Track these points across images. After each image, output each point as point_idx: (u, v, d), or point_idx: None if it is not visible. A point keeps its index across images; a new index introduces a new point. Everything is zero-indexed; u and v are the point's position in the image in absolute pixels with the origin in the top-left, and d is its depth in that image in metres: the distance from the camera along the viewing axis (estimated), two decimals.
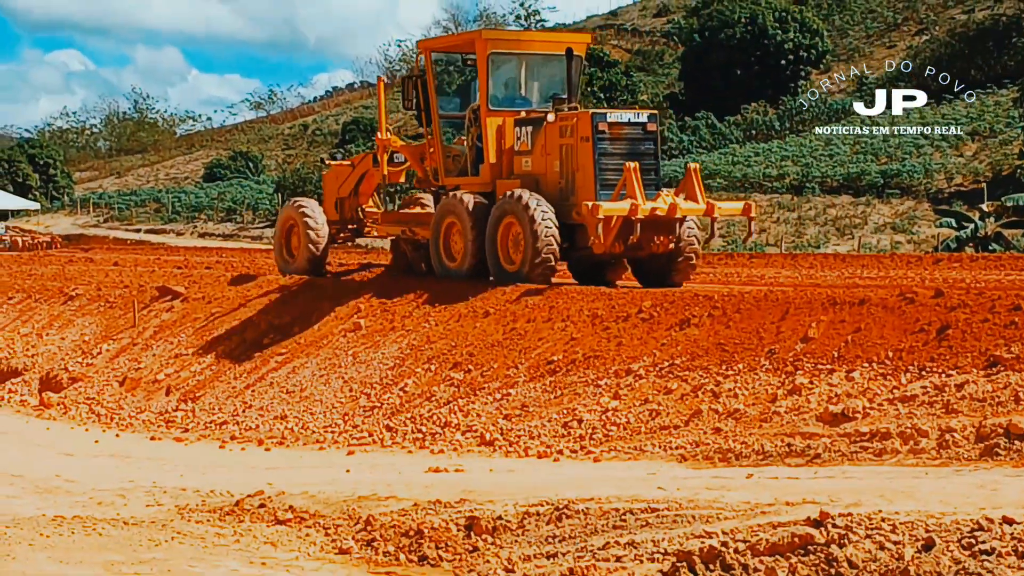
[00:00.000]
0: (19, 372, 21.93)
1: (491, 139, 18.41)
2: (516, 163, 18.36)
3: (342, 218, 21.26)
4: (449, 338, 15.96)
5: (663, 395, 12.58)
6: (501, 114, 18.48)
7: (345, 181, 21.21)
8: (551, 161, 17.76)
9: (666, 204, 16.89)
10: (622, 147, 17.26)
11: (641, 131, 17.64)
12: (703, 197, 17.56)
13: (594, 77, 68.61)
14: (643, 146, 17.57)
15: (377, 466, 12.76)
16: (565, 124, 17.54)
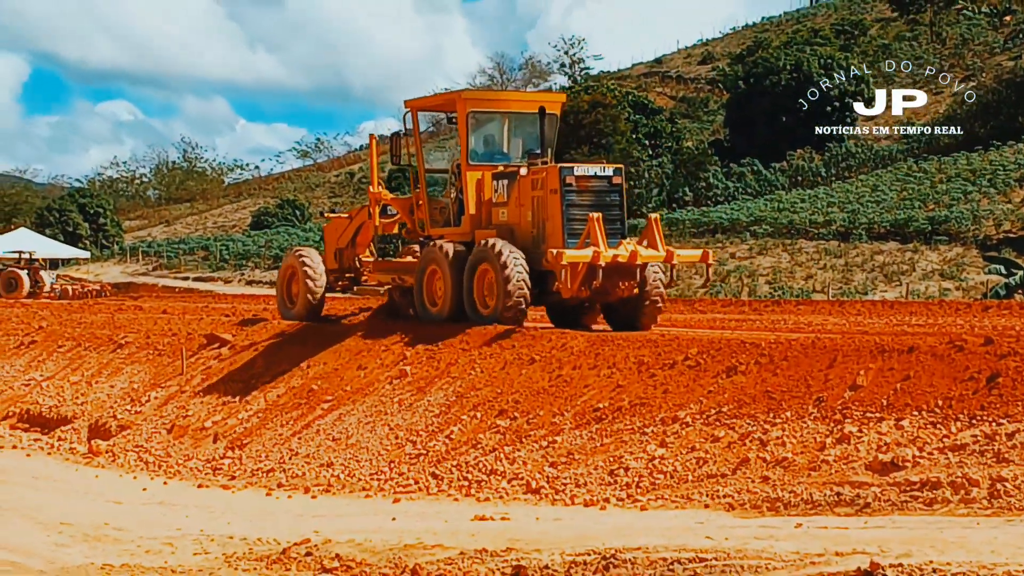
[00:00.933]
0: (69, 420, 22.08)
1: (471, 192, 19.69)
2: (494, 214, 19.51)
3: (341, 267, 22.43)
4: (495, 385, 15.95)
5: (710, 443, 12.50)
6: (481, 168, 19.72)
7: (343, 232, 22.47)
8: (524, 212, 18.97)
9: (627, 252, 17.92)
10: (588, 198, 18.43)
11: (607, 184, 18.76)
12: (663, 245, 18.45)
13: (639, 124, 68.83)
14: (608, 198, 18.67)
15: (423, 514, 12.74)
16: (536, 177, 18.75)
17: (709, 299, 38.25)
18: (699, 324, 22.46)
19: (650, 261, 18.41)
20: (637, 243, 18.43)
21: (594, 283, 17.61)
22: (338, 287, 22.76)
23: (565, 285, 17.75)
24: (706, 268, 19.58)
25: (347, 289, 23.07)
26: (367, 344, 19.10)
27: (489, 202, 19.65)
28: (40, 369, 25.66)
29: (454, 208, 20.19)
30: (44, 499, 15.33)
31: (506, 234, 18.98)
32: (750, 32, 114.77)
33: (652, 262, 18.52)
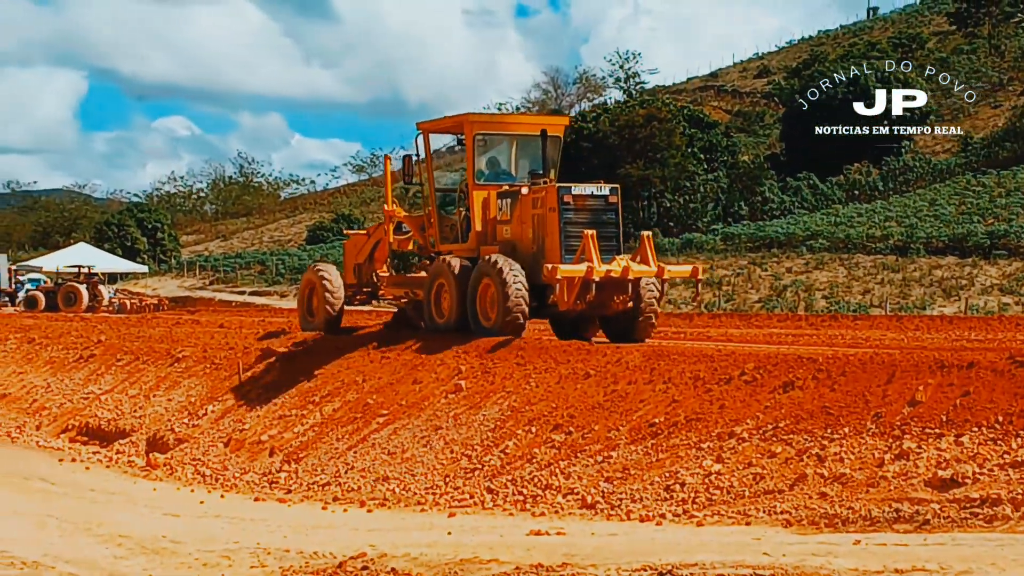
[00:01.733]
0: (127, 433, 22.27)
1: (477, 210, 20.65)
2: (498, 231, 20.49)
3: (359, 282, 23.33)
4: (550, 400, 15.93)
5: (767, 458, 12.42)
6: (486, 188, 20.72)
7: (362, 249, 23.40)
8: (526, 229, 19.96)
9: (620, 267, 18.88)
10: (585, 216, 19.37)
11: (603, 202, 19.75)
12: (655, 261, 19.41)
13: (694, 138, 68.72)
14: (604, 216, 19.63)
15: (478, 528, 12.73)
16: (536, 196, 19.79)
17: (765, 314, 38.11)
18: (755, 339, 22.37)
19: (642, 276, 19.31)
20: (630, 259, 19.24)
21: (588, 297, 18.63)
22: (356, 301, 23.76)
23: (561, 298, 18.78)
24: (696, 283, 20.75)
25: (365, 303, 24.15)
26: (422, 359, 19.14)
27: (494, 220, 20.57)
28: (99, 383, 25.89)
29: (462, 226, 21.05)
30: (103, 512, 15.45)
31: (509, 250, 19.91)
32: (806, 45, 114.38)
33: (645, 277, 19.44)
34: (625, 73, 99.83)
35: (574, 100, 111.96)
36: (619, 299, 19.24)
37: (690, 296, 50.31)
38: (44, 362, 29.53)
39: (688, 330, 28.50)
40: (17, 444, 23.97)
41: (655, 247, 19.84)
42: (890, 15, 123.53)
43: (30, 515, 15.07)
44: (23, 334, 33.12)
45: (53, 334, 31.73)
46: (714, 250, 57.71)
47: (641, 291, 19.51)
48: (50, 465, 20.85)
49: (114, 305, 52.70)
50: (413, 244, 23.02)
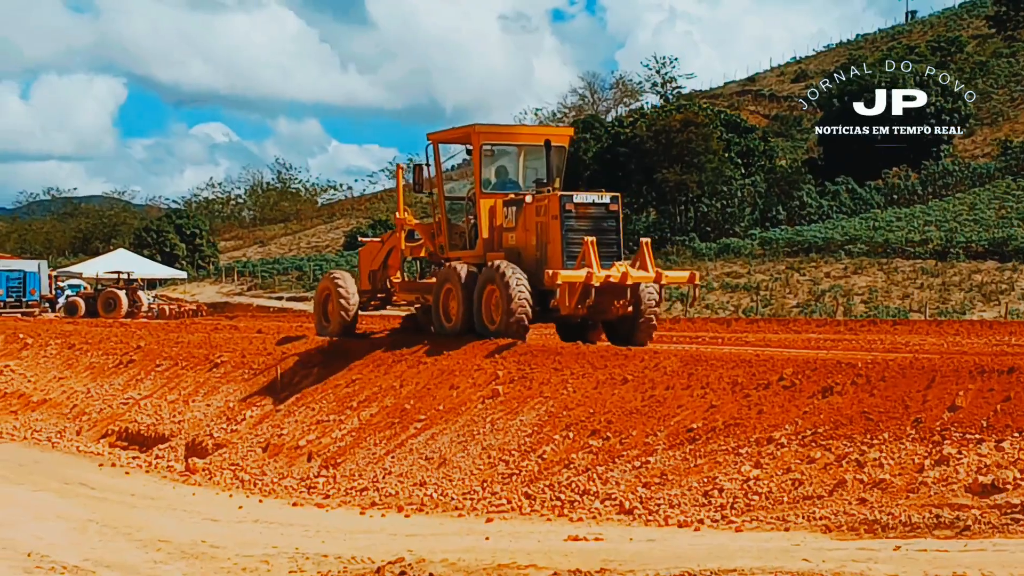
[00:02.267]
0: (166, 438, 22.36)
1: (484, 218, 21.37)
2: (504, 238, 21.20)
3: (374, 288, 24.02)
4: (587, 405, 15.91)
5: (806, 464, 12.37)
6: (493, 196, 21.44)
7: (376, 256, 24.10)
8: (530, 236, 20.67)
9: (619, 273, 19.56)
10: (586, 224, 20.09)
11: (604, 210, 20.43)
12: (653, 267, 20.12)
13: (731, 143, 68.54)
14: (605, 223, 20.34)
15: (516, 534, 12.73)
16: (540, 204, 20.46)
17: (804, 319, 37.96)
18: (794, 344, 22.29)
19: (640, 281, 19.96)
20: (629, 265, 19.97)
21: (588, 301, 19.39)
22: (371, 307, 24.35)
23: (563, 303, 19.42)
24: (693, 288, 21.12)
25: (380, 308, 24.68)
26: (459, 364, 19.15)
27: (500, 227, 21.29)
28: (138, 388, 26.03)
29: (470, 233, 21.77)
30: (142, 517, 15.54)
31: (514, 257, 20.65)
32: (844, 49, 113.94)
33: (644, 283, 20.09)
34: (662, 78, 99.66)
35: (611, 105, 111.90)
36: (619, 304, 19.99)
37: (727, 301, 50.19)
38: (84, 368, 29.71)
39: (726, 335, 28.41)
40: (58, 449, 24.14)
41: (692, 252, 20.26)
42: (929, 18, 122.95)
43: (71, 519, 15.19)
44: (63, 340, 33.33)
45: (93, 340, 31.92)
46: (752, 255, 57.55)
47: (641, 296, 20.24)
48: (90, 470, 21.00)
49: (153, 311, 52.98)
50: (425, 251, 23.38)
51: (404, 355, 20.47)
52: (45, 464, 21.90)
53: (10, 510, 16.06)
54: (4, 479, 19.78)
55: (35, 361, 32.40)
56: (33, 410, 28.34)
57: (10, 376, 31.93)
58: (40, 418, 27.44)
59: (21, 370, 32.04)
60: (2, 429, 27.22)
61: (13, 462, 22.19)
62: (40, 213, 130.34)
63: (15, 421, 27.91)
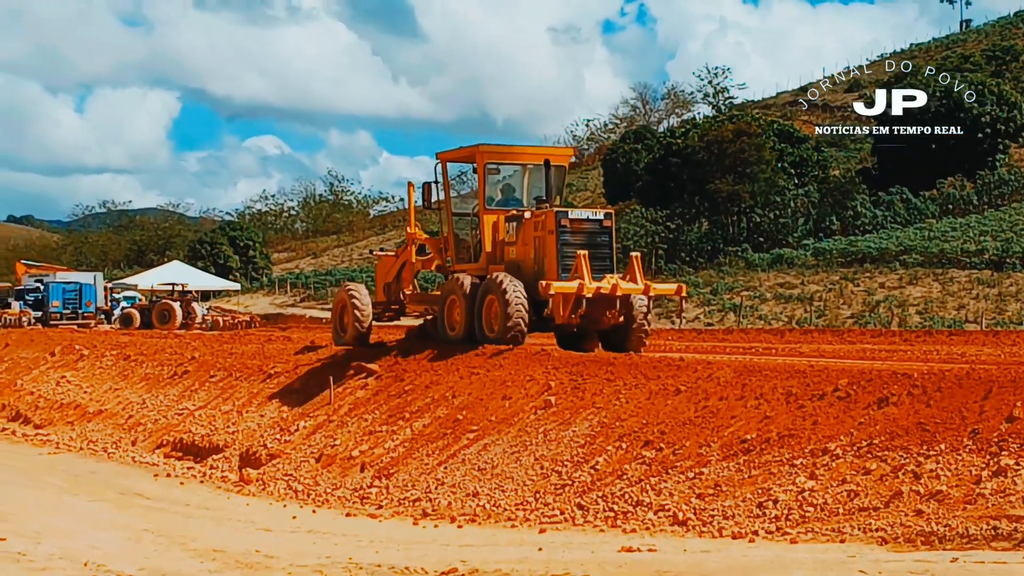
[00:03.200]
0: (220, 449, 22.49)
1: (487, 232, 22.61)
2: (505, 252, 22.40)
3: (388, 299, 25.14)
4: (640, 416, 15.86)
5: (861, 475, 12.26)
6: (496, 212, 22.64)
7: (391, 269, 25.29)
8: (528, 250, 21.86)
9: (609, 284, 20.80)
10: (580, 239, 21.25)
11: (598, 226, 21.61)
12: (642, 279, 21.39)
13: (785, 153, 68.18)
14: (598, 238, 21.50)
15: (569, 545, 12.69)
16: (538, 220, 21.67)
17: (858, 329, 37.70)
18: (848, 355, 22.14)
19: (629, 293, 21.14)
20: (620, 278, 21.13)
21: (580, 311, 20.62)
22: (385, 317, 25.29)
23: (557, 312, 20.77)
24: (680, 299, 22.58)
25: (394, 319, 25.58)
26: (512, 375, 19.15)
27: (502, 241, 22.49)
28: (192, 399, 26.20)
29: (474, 247, 23.02)
30: (197, 527, 15.61)
31: (514, 269, 21.83)
32: (897, 59, 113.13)
33: (634, 294, 21.27)
34: (714, 88, 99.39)
35: (663, 116, 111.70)
36: (610, 314, 21.15)
37: (781, 312, 49.92)
38: (139, 378, 29.94)
39: (779, 346, 28.26)
40: (114, 459, 24.33)
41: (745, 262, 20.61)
42: (983, 27, 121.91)
43: (126, 529, 15.28)
44: (119, 351, 33.61)
45: (148, 351, 32.16)
46: (805, 265, 57.21)
47: (633, 307, 21.44)
48: (146, 480, 21.14)
49: (207, 322, 53.32)
50: (435, 265, 24.55)
51: (457, 366, 20.50)
52: (101, 474, 22.07)
53: (67, 520, 16.19)
54: (61, 489, 19.95)
55: (91, 372, 32.70)
56: (89, 420, 28.60)
57: (67, 387, 32.24)
58: (96, 428, 27.69)
59: (77, 381, 32.35)
60: (59, 439, 27.48)
61: (70, 472, 22.38)
62: (96, 226, 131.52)
63: (72, 431, 28.17)
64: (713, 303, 52.72)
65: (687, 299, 23.85)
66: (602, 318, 21.17)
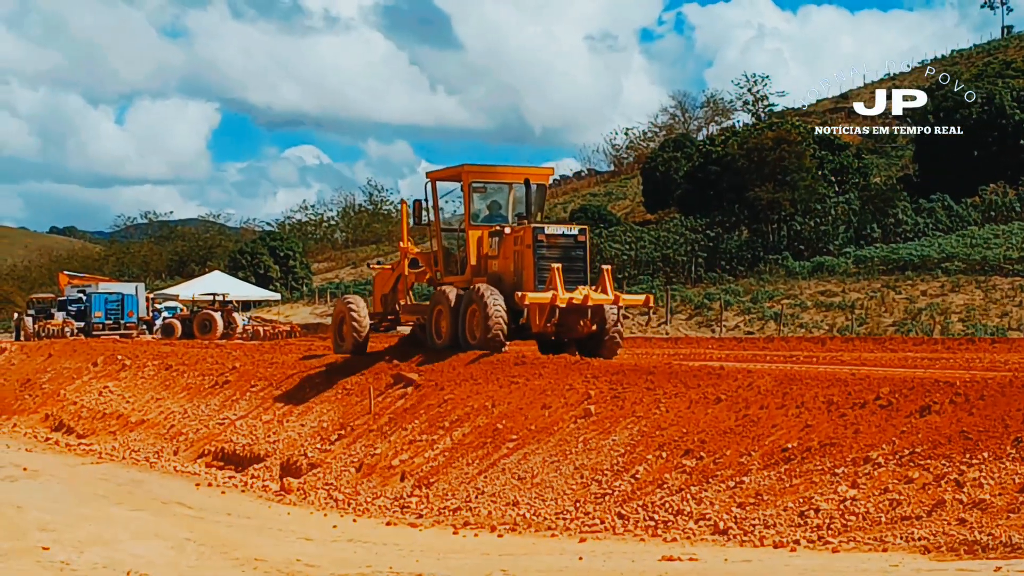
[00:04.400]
0: (261, 458, 22.57)
1: (472, 247, 24.12)
2: (489, 265, 23.92)
3: (385, 310, 26.72)
4: (680, 425, 15.82)
5: (904, 484, 12.19)
6: (480, 228, 24.14)
7: (387, 281, 26.83)
8: (509, 263, 23.32)
9: (581, 295, 22.30)
10: (555, 253, 22.68)
11: (572, 241, 23.04)
12: (612, 291, 22.80)
13: (825, 160, 67.87)
14: (573, 252, 22.92)
15: (610, 554, 12.67)
16: (517, 235, 23.15)
17: (900, 337, 37.47)
18: (890, 363, 22.03)
19: (600, 303, 22.63)
20: (592, 289, 22.56)
21: (554, 320, 22.36)
22: (382, 327, 26.97)
23: (533, 321, 22.53)
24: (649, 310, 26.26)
25: (390, 328, 27.27)
26: (551, 384, 19.15)
27: (485, 255, 24.00)
28: (233, 408, 26.31)
29: (461, 261, 24.51)
30: (239, 536, 15.68)
31: (495, 281, 23.28)
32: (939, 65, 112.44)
33: (605, 304, 22.75)
34: (753, 96, 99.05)
35: (702, 124, 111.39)
36: (583, 323, 22.71)
37: (822, 320, 49.68)
38: (181, 388, 30.09)
39: (820, 354, 28.12)
40: (156, 469, 24.46)
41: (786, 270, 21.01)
42: None
43: (169, 538, 15.36)
44: (161, 361, 33.79)
45: (189, 361, 32.32)
46: (846, 273, 56.91)
47: (606, 316, 22.97)
48: (187, 490, 21.24)
49: (248, 332, 53.58)
50: (426, 277, 26.00)
51: (496, 375, 20.52)
52: (143, 484, 22.20)
53: (110, 529, 16.29)
54: (104, 498, 20.08)
55: (133, 382, 32.89)
56: (131, 430, 28.76)
57: (109, 397, 32.44)
58: (138, 438, 27.84)
59: (120, 391, 32.54)
60: (101, 449, 27.66)
61: (112, 482, 22.52)
62: (137, 236, 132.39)
63: (114, 441, 28.35)
64: (753, 311, 52.50)
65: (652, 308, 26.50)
66: (576, 327, 22.73)
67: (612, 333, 23.14)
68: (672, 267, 63.20)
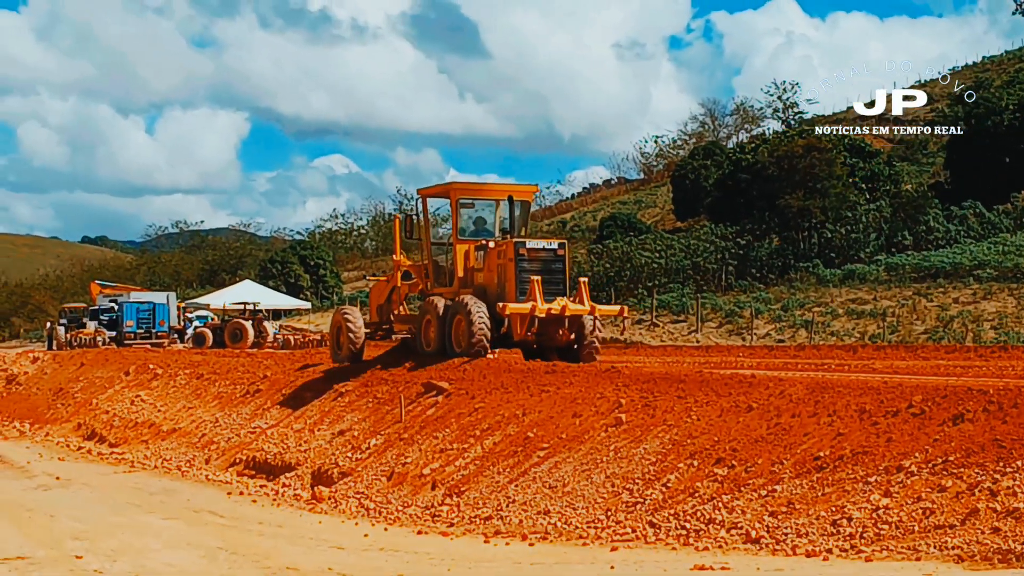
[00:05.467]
0: (292, 467, 22.62)
1: (459, 260, 25.52)
2: (474, 277, 25.33)
3: (380, 320, 28.04)
4: (712, 433, 15.78)
5: (937, 493, 12.12)
6: (467, 242, 25.54)
7: (382, 292, 28.18)
8: (492, 275, 24.68)
9: (559, 306, 23.69)
10: (536, 266, 24.02)
11: (552, 255, 24.41)
12: (588, 302, 24.20)
13: (856, 167, 67.62)
14: (553, 265, 24.27)
15: (641, 563, 12.64)
16: (500, 249, 24.55)
17: (932, 345, 37.27)
18: (922, 371, 21.91)
19: (576, 313, 23.99)
20: (569, 300, 23.92)
21: (533, 329, 23.66)
22: (378, 336, 28.25)
23: (515, 330, 23.67)
24: (622, 320, 26.90)
25: (385, 337, 28.26)
26: (582, 392, 19.14)
27: (472, 268, 25.39)
28: (264, 417, 26.40)
29: (449, 273, 25.87)
30: (270, 545, 15.71)
31: (481, 293, 24.60)
32: (970, 72, 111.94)
33: (582, 314, 24.11)
34: (783, 104, 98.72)
35: (731, 131, 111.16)
36: (562, 332, 24.02)
37: (853, 328, 49.52)
38: (212, 397, 30.21)
39: (852, 362, 28.01)
40: (187, 478, 24.56)
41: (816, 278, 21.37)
42: None
43: (201, 547, 15.41)
44: (192, 370, 33.94)
45: (221, 370, 32.44)
46: (877, 281, 56.70)
47: (584, 325, 24.36)
48: (219, 499, 21.31)
49: (279, 341, 53.67)
50: (418, 289, 27.21)
51: (527, 384, 20.52)
52: (175, 492, 22.28)
53: (142, 538, 16.36)
54: (136, 507, 20.16)
55: (165, 391, 33.05)
56: (163, 439, 28.89)
57: (141, 406, 32.61)
58: (170, 447, 27.96)
59: (151, 400, 32.71)
60: (134, 458, 27.79)
61: (145, 490, 22.62)
62: (168, 246, 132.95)
63: (146, 450, 28.48)
64: (784, 319, 52.35)
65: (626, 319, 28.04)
66: (555, 335, 24.04)
67: (590, 341, 24.45)
68: (702, 275, 63.06)
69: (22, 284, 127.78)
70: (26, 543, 15.87)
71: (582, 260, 71.67)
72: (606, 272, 63.78)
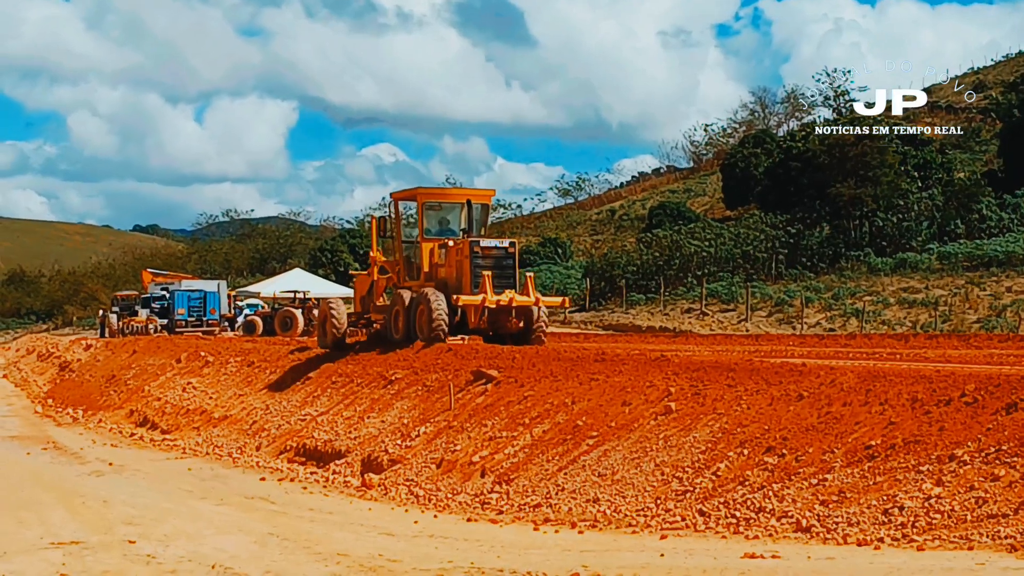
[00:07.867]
0: (342, 454, 22.71)
1: (425, 257, 28.65)
2: (438, 272, 28.42)
3: (363, 310, 30.94)
4: (762, 422, 15.72)
5: (990, 482, 12.03)
6: (432, 241, 28.74)
7: (364, 285, 31.11)
8: (452, 271, 27.90)
9: (507, 298, 27.04)
10: (489, 262, 27.24)
11: (504, 252, 27.70)
12: (534, 294, 27.80)
13: (908, 155, 67.06)
14: (504, 262, 27.53)
15: (691, 551, 12.62)
16: (458, 247, 27.80)
17: (985, 334, 36.98)
18: (975, 359, 21.71)
19: (522, 304, 27.32)
20: (517, 293, 27.22)
21: (484, 318, 26.93)
22: (360, 324, 30.89)
23: (470, 319, 27.02)
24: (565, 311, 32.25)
25: (367, 327, 30.75)
26: (631, 380, 19.11)
27: (436, 264, 28.49)
28: (315, 405, 26.52)
29: (417, 268, 28.85)
30: (321, 531, 15.80)
31: (442, 286, 27.66)
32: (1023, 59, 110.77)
33: (528, 305, 27.42)
34: (835, 92, 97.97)
35: (781, 119, 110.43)
36: (512, 321, 27.34)
37: (905, 317, 49.20)
38: (263, 384, 30.38)
39: (904, 351, 27.80)
40: (239, 464, 24.73)
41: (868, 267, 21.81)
42: None
43: (252, 533, 15.52)
44: (243, 358, 34.16)
45: (271, 357, 32.62)
46: (929, 269, 56.29)
47: (532, 315, 27.63)
48: (270, 485, 21.44)
49: None
50: (391, 282, 30.00)
51: (576, 372, 20.50)
52: (227, 479, 22.45)
53: (194, 523, 16.49)
54: (188, 493, 20.32)
55: (216, 379, 33.29)
56: (215, 426, 29.10)
57: (192, 393, 32.86)
58: (221, 434, 28.16)
59: (203, 387, 32.95)
60: (185, 444, 28.01)
61: (196, 477, 22.80)
62: (219, 234, 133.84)
63: (198, 437, 28.69)
64: (835, 308, 52.07)
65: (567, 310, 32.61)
66: (506, 323, 27.34)
67: (536, 328, 27.71)
68: (752, 264, 62.73)
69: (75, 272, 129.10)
70: (80, 528, 16.05)
71: (631, 249, 71.45)
72: (655, 261, 63.52)
